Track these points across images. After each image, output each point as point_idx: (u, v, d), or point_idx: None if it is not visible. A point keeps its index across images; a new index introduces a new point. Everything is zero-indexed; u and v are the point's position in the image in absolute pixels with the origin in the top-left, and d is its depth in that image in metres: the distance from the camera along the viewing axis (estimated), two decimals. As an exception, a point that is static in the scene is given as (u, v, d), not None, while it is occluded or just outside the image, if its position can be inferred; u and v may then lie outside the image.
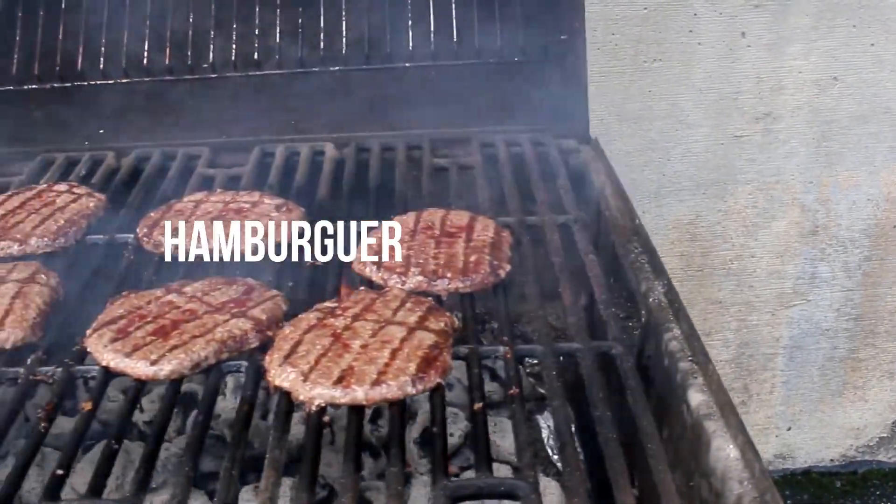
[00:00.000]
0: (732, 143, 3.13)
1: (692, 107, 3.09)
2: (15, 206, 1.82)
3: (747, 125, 3.11)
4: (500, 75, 2.21)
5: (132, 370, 1.40)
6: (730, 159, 3.15)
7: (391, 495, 1.20)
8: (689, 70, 3.05)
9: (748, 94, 3.08)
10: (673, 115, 3.10)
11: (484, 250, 1.62)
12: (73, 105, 2.31)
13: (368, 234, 1.70)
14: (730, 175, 3.18)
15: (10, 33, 2.28)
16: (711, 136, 3.13)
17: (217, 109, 2.24)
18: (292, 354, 1.39)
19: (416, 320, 1.45)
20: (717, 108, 3.10)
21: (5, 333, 1.48)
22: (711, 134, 3.13)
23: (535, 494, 1.20)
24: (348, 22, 2.25)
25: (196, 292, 1.55)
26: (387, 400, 1.33)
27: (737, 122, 3.11)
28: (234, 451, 1.28)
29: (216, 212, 1.77)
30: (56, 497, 1.23)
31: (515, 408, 1.35)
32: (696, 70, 3.05)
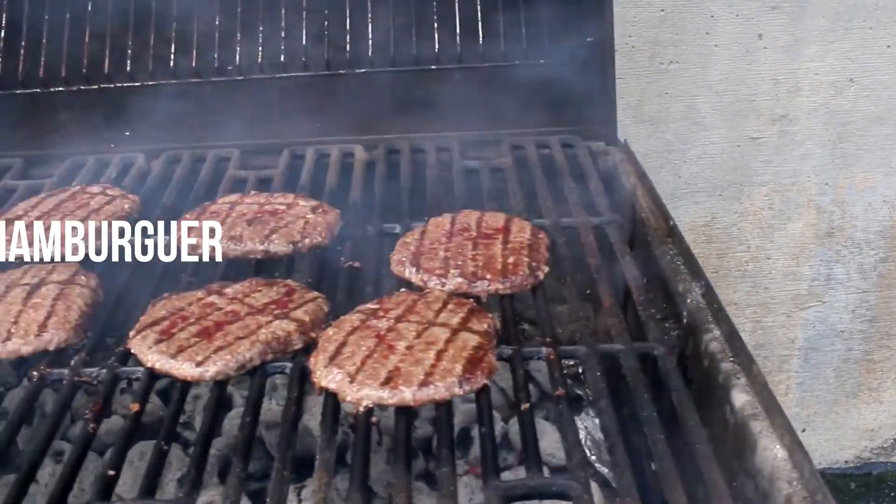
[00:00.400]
0: (748, 144, 3.14)
1: (708, 109, 3.10)
2: (50, 208, 1.83)
3: (763, 127, 3.12)
4: (527, 78, 2.22)
5: (177, 371, 1.40)
6: (746, 161, 3.16)
7: (444, 495, 1.20)
8: (706, 72, 3.06)
9: (764, 96, 3.09)
10: (689, 117, 3.11)
11: (522, 252, 1.63)
12: (99, 108, 2.31)
13: (405, 236, 1.71)
14: (746, 177, 3.19)
15: (36, 36, 2.28)
16: (727, 137, 3.13)
17: (243, 112, 2.25)
18: (337, 356, 1.39)
19: (459, 322, 1.46)
20: (734, 110, 3.10)
21: (49, 335, 1.48)
22: (727, 136, 3.13)
23: (587, 494, 1.20)
24: (374, 24, 2.25)
25: (237, 294, 1.56)
26: (434, 401, 1.34)
27: (753, 124, 3.12)
28: (284, 452, 1.29)
29: (251, 213, 1.77)
30: (107, 497, 1.23)
31: (562, 408, 1.36)
32: (712, 72, 3.06)
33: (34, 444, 1.33)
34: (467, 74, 2.25)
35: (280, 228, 1.71)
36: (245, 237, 1.70)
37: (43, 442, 1.33)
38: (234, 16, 2.28)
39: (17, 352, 1.47)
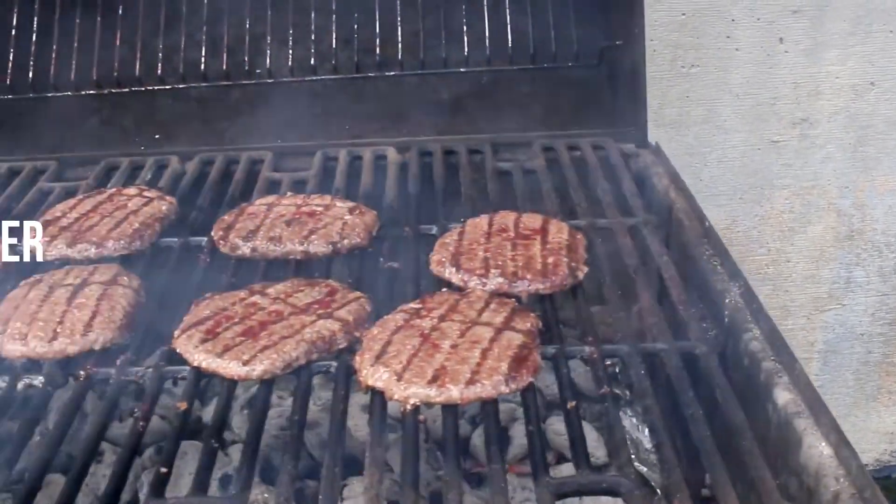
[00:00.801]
0: (769, 148, 3.15)
1: (729, 112, 3.10)
2: (88, 210, 1.84)
3: (784, 130, 3.13)
4: (555, 80, 2.23)
5: (224, 370, 1.42)
6: (766, 164, 3.17)
7: (496, 492, 1.21)
8: (727, 75, 3.07)
9: (785, 100, 3.10)
10: (710, 121, 3.11)
11: (561, 252, 1.64)
12: (130, 110, 2.32)
13: (444, 236, 1.72)
14: (766, 180, 3.20)
15: (67, 40, 2.30)
16: (748, 141, 3.14)
17: (274, 114, 2.26)
18: (383, 354, 1.40)
19: (502, 321, 1.47)
20: (754, 114, 3.11)
21: (94, 335, 1.49)
22: (748, 139, 3.14)
23: (637, 491, 1.21)
24: (403, 27, 2.27)
25: (279, 294, 1.57)
26: (481, 399, 1.35)
27: (774, 128, 3.13)
28: (335, 450, 1.30)
29: (289, 214, 1.78)
30: (161, 494, 1.24)
31: (608, 406, 1.37)
32: (733, 75, 3.07)
33: (85, 443, 1.34)
34: (496, 77, 2.26)
35: (319, 229, 1.72)
36: (284, 238, 1.71)
37: (93, 441, 1.35)
38: (264, 18, 2.29)
39: (63, 351, 1.48)
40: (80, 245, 1.74)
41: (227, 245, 1.73)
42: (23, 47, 2.30)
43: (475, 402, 1.35)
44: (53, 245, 1.74)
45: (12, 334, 1.49)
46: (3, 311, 1.56)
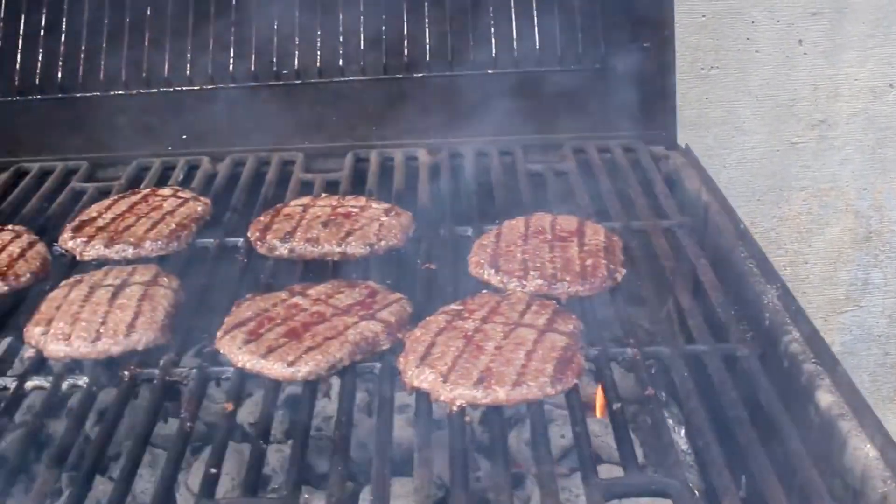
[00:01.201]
0: (788, 149, 3.16)
1: (748, 114, 3.11)
2: (123, 210, 1.84)
3: (803, 132, 3.14)
4: (582, 82, 2.24)
5: (269, 371, 1.42)
6: (785, 166, 3.17)
7: (547, 494, 1.21)
8: (746, 77, 3.07)
9: (804, 102, 3.10)
10: (729, 122, 3.12)
11: (599, 254, 1.65)
12: (157, 111, 2.33)
13: (481, 238, 1.72)
14: (784, 182, 3.21)
15: (96, 40, 2.30)
16: (767, 142, 3.15)
17: (302, 115, 2.27)
18: (428, 356, 1.41)
19: (545, 323, 1.47)
20: (773, 115, 3.12)
21: (137, 335, 1.50)
22: (767, 141, 3.15)
23: (687, 493, 1.22)
24: (431, 29, 2.27)
25: (320, 295, 1.58)
26: (527, 400, 1.35)
27: (792, 129, 3.13)
28: (384, 451, 1.30)
29: (325, 216, 1.79)
30: (211, 495, 1.25)
31: (653, 408, 1.37)
32: (752, 77, 3.07)
33: (133, 443, 1.34)
34: (524, 78, 2.26)
35: (356, 231, 1.73)
36: (322, 239, 1.72)
37: (141, 441, 1.35)
38: (291, 20, 2.30)
39: (106, 351, 1.48)
40: (117, 245, 1.74)
41: (264, 246, 1.74)
42: (52, 48, 2.30)
43: (521, 403, 1.36)
44: (91, 246, 1.75)
45: (55, 334, 1.50)
46: (45, 311, 1.56)
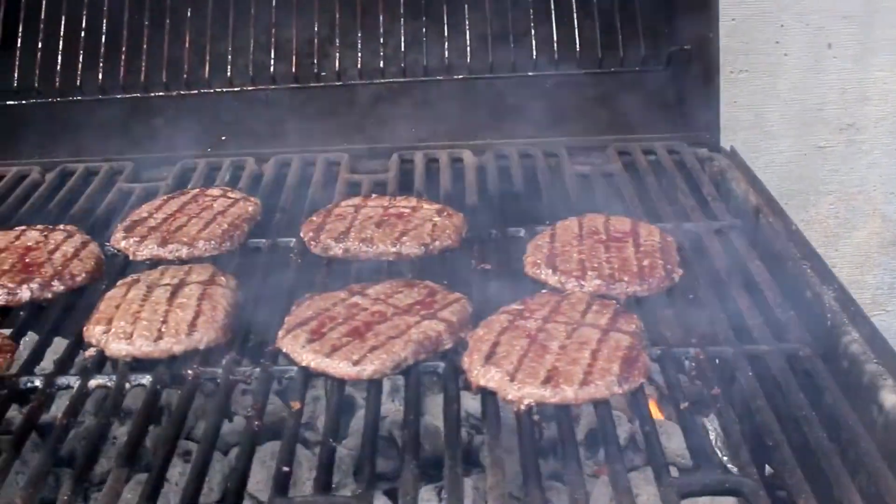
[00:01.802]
0: (816, 153, 3.16)
1: (777, 117, 3.11)
2: (174, 210, 1.85)
3: (831, 136, 3.14)
4: (624, 84, 2.24)
5: (334, 370, 1.42)
6: (813, 170, 3.18)
7: (622, 492, 1.22)
8: (775, 81, 3.08)
9: (832, 105, 3.11)
10: (757, 126, 3.12)
11: (655, 255, 1.65)
12: (197, 112, 2.33)
13: (535, 239, 1.73)
14: (812, 185, 3.21)
15: (136, 41, 2.31)
16: (795, 146, 3.15)
17: (343, 117, 2.27)
18: (493, 355, 1.41)
19: (607, 322, 1.48)
20: (802, 119, 3.12)
21: (199, 334, 1.50)
22: (795, 144, 3.15)
23: (761, 491, 1.22)
24: (471, 31, 2.28)
25: (379, 294, 1.58)
26: (594, 399, 1.36)
27: (820, 133, 3.14)
28: (455, 450, 1.30)
29: (377, 216, 1.79)
30: (284, 493, 1.25)
31: (721, 408, 1.37)
32: (781, 81, 3.08)
33: (202, 443, 1.34)
34: (563, 81, 2.27)
35: (410, 231, 1.74)
36: (376, 239, 1.72)
37: (210, 440, 1.35)
38: (332, 22, 2.30)
39: (169, 350, 1.48)
40: (171, 245, 1.75)
41: (318, 246, 1.74)
42: (92, 49, 2.30)
43: (588, 402, 1.36)
44: (144, 245, 1.75)
45: (117, 333, 1.50)
46: (104, 310, 1.56)
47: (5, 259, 1.72)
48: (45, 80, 2.32)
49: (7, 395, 1.46)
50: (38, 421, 1.43)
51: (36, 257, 1.72)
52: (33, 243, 1.77)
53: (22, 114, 2.31)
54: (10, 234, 1.81)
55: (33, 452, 1.69)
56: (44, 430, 1.75)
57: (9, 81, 2.32)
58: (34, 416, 1.42)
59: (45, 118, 2.32)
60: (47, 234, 1.81)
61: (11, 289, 1.64)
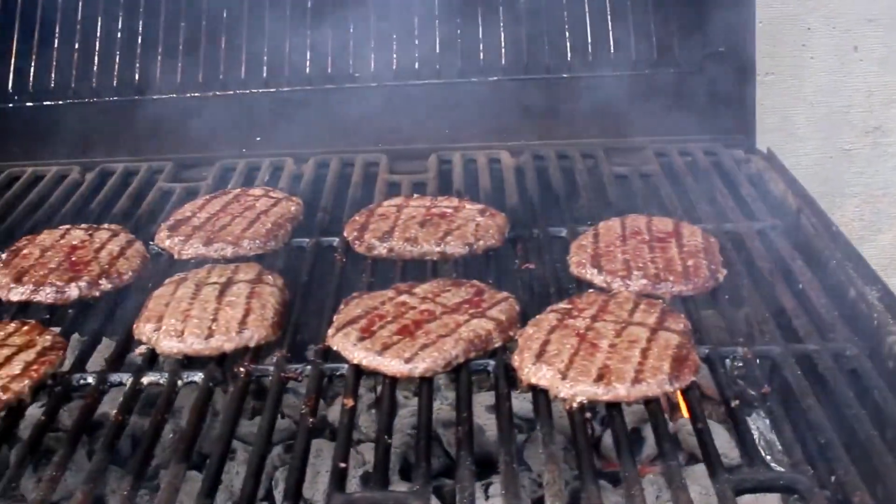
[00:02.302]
0: (841, 156, 3.16)
1: (802, 120, 3.12)
2: (217, 210, 1.86)
3: (856, 138, 3.14)
4: (659, 86, 2.25)
5: (386, 368, 1.44)
6: (838, 172, 3.18)
7: (677, 488, 1.22)
8: (801, 84, 3.08)
9: (858, 108, 3.11)
10: (783, 128, 3.12)
11: (699, 255, 1.66)
12: (232, 113, 2.35)
13: (579, 239, 1.74)
14: (837, 188, 3.21)
15: (173, 43, 2.33)
16: (821, 149, 3.15)
17: (379, 117, 2.28)
18: (543, 353, 1.42)
19: (655, 321, 1.48)
20: (828, 122, 3.12)
21: (249, 332, 1.51)
22: (821, 147, 3.15)
23: (816, 488, 1.23)
24: (506, 33, 2.29)
25: (427, 293, 1.59)
26: (647, 397, 1.37)
27: (846, 136, 3.14)
28: (509, 446, 1.31)
29: (420, 216, 1.80)
30: (342, 488, 1.26)
31: (771, 406, 1.38)
32: (807, 84, 3.08)
33: (258, 440, 1.35)
34: (599, 83, 2.28)
35: (453, 231, 1.75)
36: (420, 239, 1.73)
37: (266, 437, 1.36)
38: (367, 24, 2.32)
39: (220, 348, 1.50)
40: (216, 244, 1.76)
41: (362, 245, 1.75)
42: (128, 50, 2.32)
43: (640, 400, 1.37)
44: (189, 244, 1.77)
45: (168, 331, 1.51)
46: (153, 308, 1.58)
47: (52, 258, 1.74)
48: (81, 81, 2.33)
49: (60, 392, 1.47)
50: (93, 417, 1.44)
51: (82, 256, 1.74)
52: (79, 242, 1.79)
53: (59, 114, 2.33)
54: (56, 233, 1.83)
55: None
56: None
57: (46, 82, 2.34)
58: (88, 412, 1.44)
59: (81, 118, 2.33)
60: (92, 233, 1.82)
61: (60, 287, 1.66)
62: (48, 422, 1.42)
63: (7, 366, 1.45)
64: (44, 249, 1.77)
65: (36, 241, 1.80)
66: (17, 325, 1.57)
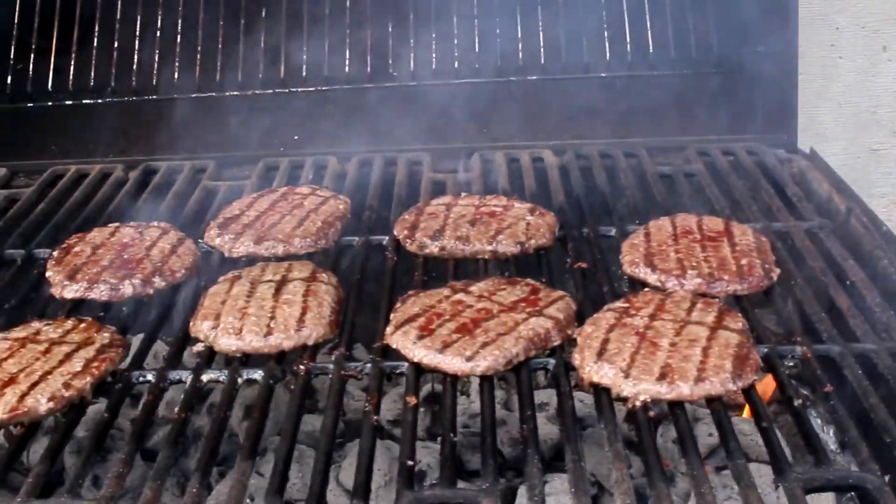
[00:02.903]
0: (869, 156, 3.16)
1: (830, 120, 3.12)
2: (265, 208, 1.87)
3: (885, 139, 3.14)
4: (698, 84, 2.26)
5: (447, 366, 1.44)
6: (866, 172, 3.18)
7: (747, 487, 1.23)
8: (829, 84, 3.08)
9: (887, 108, 3.11)
10: (811, 129, 3.11)
11: (752, 254, 1.67)
12: (269, 111, 2.35)
13: (630, 238, 1.74)
14: (864, 188, 3.19)
15: (212, 43, 2.33)
16: (849, 149, 3.15)
17: (419, 116, 2.29)
18: (604, 351, 1.42)
19: (714, 320, 1.49)
20: (856, 122, 3.12)
21: (308, 330, 1.51)
22: (849, 147, 3.15)
23: (886, 487, 1.23)
24: (545, 33, 2.29)
25: (482, 292, 1.59)
26: (710, 396, 1.37)
27: (874, 136, 3.14)
28: (575, 444, 1.32)
29: (469, 215, 1.81)
30: (411, 486, 1.26)
31: (835, 404, 1.39)
32: (835, 84, 3.08)
33: (324, 437, 1.36)
34: (636, 82, 2.28)
35: (504, 229, 1.75)
36: (472, 237, 1.74)
37: (332, 435, 1.37)
38: (406, 23, 2.32)
39: (278, 346, 1.50)
40: (266, 242, 1.76)
41: (414, 244, 1.76)
42: (167, 49, 2.33)
43: (703, 399, 1.37)
44: (240, 242, 1.77)
45: (226, 329, 1.52)
46: (209, 306, 1.58)
47: (103, 255, 1.74)
48: (121, 80, 2.34)
49: (121, 390, 1.47)
50: (154, 414, 1.45)
51: (133, 253, 1.74)
52: (129, 240, 1.79)
53: (98, 112, 2.34)
54: (105, 231, 1.83)
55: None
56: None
57: (85, 80, 2.34)
58: (151, 410, 1.44)
59: (121, 116, 2.34)
60: (142, 230, 1.83)
61: (114, 284, 1.66)
62: (111, 419, 1.42)
63: (68, 363, 1.45)
64: (95, 247, 1.77)
65: (86, 238, 1.81)
66: (73, 322, 1.58)
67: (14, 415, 1.35)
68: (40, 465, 1.32)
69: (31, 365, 1.44)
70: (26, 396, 1.37)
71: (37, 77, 2.37)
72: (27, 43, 2.36)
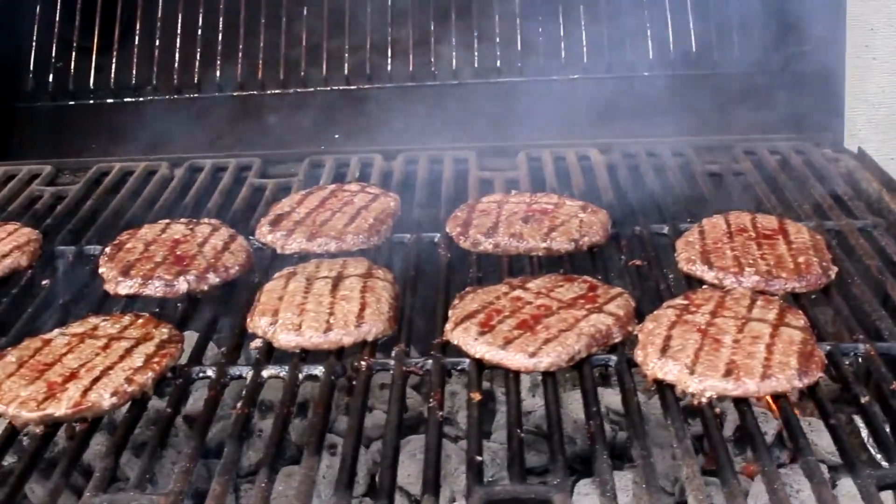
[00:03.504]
0: (902, 156, 3.15)
1: (863, 121, 3.11)
2: (316, 205, 1.86)
3: (918, 139, 3.14)
4: (744, 84, 2.25)
5: (509, 362, 1.43)
6: (898, 173, 3.17)
7: (818, 483, 1.22)
8: (863, 85, 3.07)
9: (920, 110, 3.10)
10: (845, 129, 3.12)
11: (809, 252, 1.66)
12: (310, 110, 2.35)
13: (685, 236, 1.74)
14: (897, 188, 3.20)
15: (253, 41, 2.33)
16: (881, 150, 3.13)
17: (461, 114, 2.29)
18: (668, 348, 1.42)
19: (775, 318, 1.48)
20: (889, 123, 3.12)
21: (367, 326, 1.51)
22: (881, 148, 3.13)
23: (959, 485, 1.22)
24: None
25: (540, 288, 1.59)
26: (776, 393, 1.36)
27: (907, 137, 3.13)
28: (644, 440, 1.31)
29: (521, 212, 1.81)
30: (480, 481, 1.26)
31: (894, 403, 1.38)
32: (869, 85, 3.07)
33: (389, 433, 1.35)
34: (679, 81, 2.28)
35: (558, 227, 1.75)
36: (525, 234, 1.73)
37: (396, 429, 1.36)
38: (447, 21, 2.32)
39: (338, 342, 1.50)
40: (319, 239, 1.76)
41: (467, 241, 1.75)
42: (209, 48, 2.33)
43: (769, 395, 1.37)
44: (292, 239, 1.77)
45: (285, 325, 1.51)
46: (266, 302, 1.58)
47: (156, 251, 1.74)
48: (162, 77, 2.34)
49: (182, 385, 1.47)
50: (217, 409, 1.44)
51: (186, 250, 1.74)
52: (180, 236, 1.79)
53: (141, 110, 2.34)
54: (156, 228, 1.83)
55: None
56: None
57: (127, 78, 2.34)
58: (214, 405, 1.44)
59: (163, 114, 2.34)
60: (193, 227, 1.82)
61: (169, 280, 1.66)
62: (174, 414, 1.42)
63: (128, 358, 1.45)
64: (147, 244, 1.77)
65: (137, 235, 1.81)
66: (131, 317, 1.57)
67: (78, 409, 1.35)
68: (106, 459, 1.32)
69: (92, 360, 1.44)
70: (89, 391, 1.37)
71: (78, 75, 2.37)
72: (69, 42, 2.36)
